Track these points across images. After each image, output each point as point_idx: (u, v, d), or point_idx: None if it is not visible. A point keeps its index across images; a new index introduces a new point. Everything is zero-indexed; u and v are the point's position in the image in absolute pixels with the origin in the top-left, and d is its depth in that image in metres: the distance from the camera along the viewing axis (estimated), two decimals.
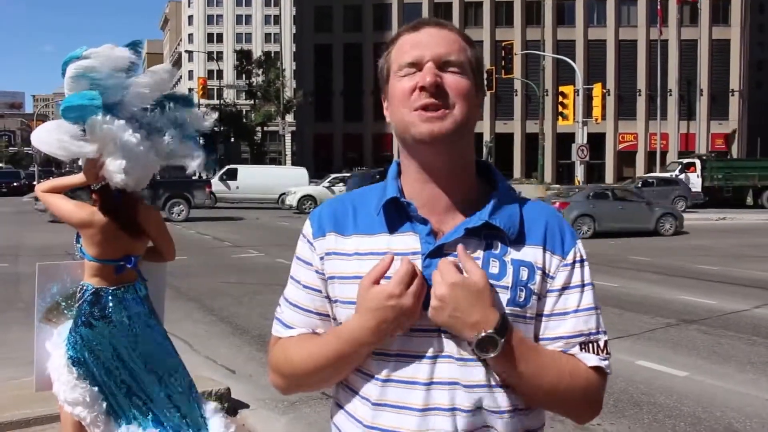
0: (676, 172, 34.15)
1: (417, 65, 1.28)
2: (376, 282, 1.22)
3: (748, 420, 5.13)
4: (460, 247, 1.25)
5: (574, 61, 35.64)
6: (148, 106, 3.48)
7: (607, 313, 8.66)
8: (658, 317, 8.63)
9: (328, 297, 1.34)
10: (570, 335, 1.29)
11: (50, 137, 3.29)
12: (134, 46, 3.43)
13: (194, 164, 3.68)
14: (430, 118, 1.25)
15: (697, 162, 35.26)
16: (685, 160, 36.23)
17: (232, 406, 5.05)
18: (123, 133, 3.30)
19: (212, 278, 11.61)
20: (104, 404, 3.41)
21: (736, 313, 8.95)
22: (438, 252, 1.27)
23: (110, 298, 3.48)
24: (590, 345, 1.30)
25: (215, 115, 3.88)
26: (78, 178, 3.61)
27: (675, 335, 7.74)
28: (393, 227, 1.30)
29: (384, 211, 1.31)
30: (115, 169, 3.31)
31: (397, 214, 1.31)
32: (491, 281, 1.25)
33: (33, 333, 3.63)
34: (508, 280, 1.26)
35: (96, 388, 3.41)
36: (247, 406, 5.22)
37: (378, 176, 23.63)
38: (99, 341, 3.44)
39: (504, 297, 1.26)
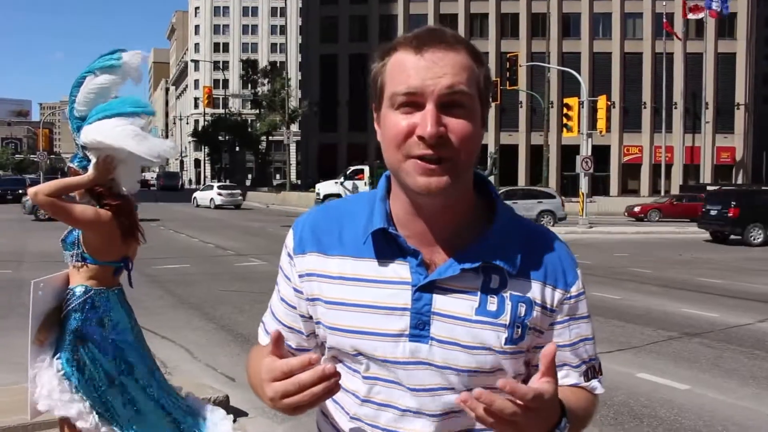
0: (341, 179, 33.26)
1: (415, 98, 1.13)
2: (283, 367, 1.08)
3: None
4: (503, 382, 1.01)
5: (579, 73, 35.56)
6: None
7: (609, 326, 8.63)
8: (660, 330, 8.59)
9: (302, 315, 1.30)
10: (576, 364, 1.30)
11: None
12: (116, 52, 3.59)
13: (141, 149, 3.38)
14: (427, 171, 1.12)
15: (366, 169, 34.40)
16: (351, 168, 35.47)
17: (230, 414, 5.03)
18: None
19: (214, 286, 11.63)
20: (96, 416, 3.40)
21: (739, 326, 8.91)
22: (430, 287, 1.19)
23: (108, 299, 3.51)
24: (590, 371, 1.31)
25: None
26: (82, 179, 3.44)
27: (677, 348, 7.71)
28: (381, 254, 1.22)
29: (372, 239, 1.23)
30: (135, 174, 3.72)
31: (386, 242, 1.22)
32: (489, 319, 1.19)
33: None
34: (506, 317, 1.20)
35: (88, 402, 3.39)
36: (245, 414, 5.21)
37: None
38: (98, 345, 3.45)
39: (502, 336, 1.20)
